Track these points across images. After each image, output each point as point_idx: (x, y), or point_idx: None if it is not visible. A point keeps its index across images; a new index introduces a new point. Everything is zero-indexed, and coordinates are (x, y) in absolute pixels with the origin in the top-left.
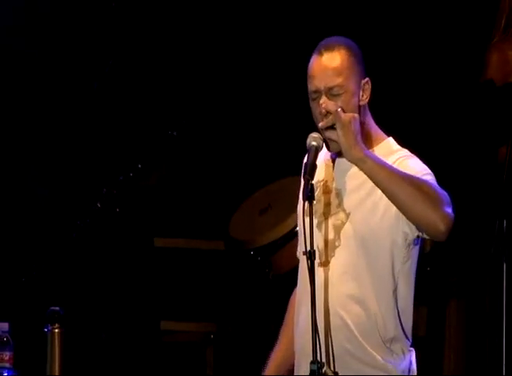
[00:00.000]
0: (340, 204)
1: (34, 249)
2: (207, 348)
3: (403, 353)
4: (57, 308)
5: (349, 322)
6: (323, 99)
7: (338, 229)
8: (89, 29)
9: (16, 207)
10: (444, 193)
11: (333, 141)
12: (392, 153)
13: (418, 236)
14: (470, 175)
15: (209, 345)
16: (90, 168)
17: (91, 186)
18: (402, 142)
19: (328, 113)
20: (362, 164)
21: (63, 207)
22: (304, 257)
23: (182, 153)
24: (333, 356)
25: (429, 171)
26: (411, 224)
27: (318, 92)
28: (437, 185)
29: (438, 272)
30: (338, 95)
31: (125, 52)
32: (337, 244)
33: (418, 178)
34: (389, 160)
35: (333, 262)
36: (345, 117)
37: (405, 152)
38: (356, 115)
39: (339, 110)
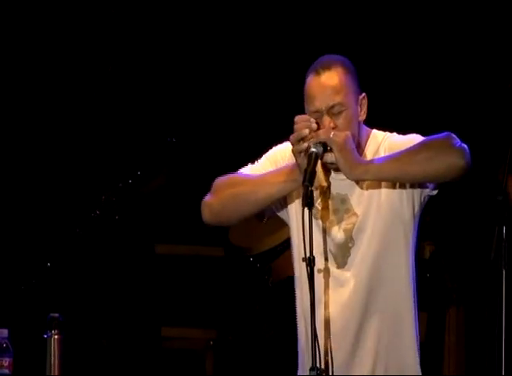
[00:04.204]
0: (349, 209)
1: (34, 256)
2: (207, 355)
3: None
4: (57, 314)
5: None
6: (326, 118)
7: (349, 232)
8: (89, 36)
9: (16, 214)
10: (443, 135)
11: (332, 163)
12: (380, 141)
13: (424, 198)
14: (470, 181)
15: (209, 352)
16: (89, 175)
17: (91, 194)
18: None
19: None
20: (365, 175)
21: (63, 213)
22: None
23: (182, 159)
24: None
25: (415, 134)
26: (416, 190)
27: (318, 112)
28: (431, 136)
29: (437, 279)
30: (339, 112)
31: (122, 59)
32: (350, 244)
33: (415, 145)
34: (381, 148)
35: (349, 262)
36: (339, 139)
37: (386, 133)
38: (348, 133)
39: (331, 135)
